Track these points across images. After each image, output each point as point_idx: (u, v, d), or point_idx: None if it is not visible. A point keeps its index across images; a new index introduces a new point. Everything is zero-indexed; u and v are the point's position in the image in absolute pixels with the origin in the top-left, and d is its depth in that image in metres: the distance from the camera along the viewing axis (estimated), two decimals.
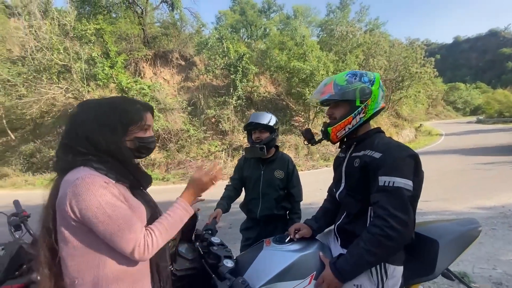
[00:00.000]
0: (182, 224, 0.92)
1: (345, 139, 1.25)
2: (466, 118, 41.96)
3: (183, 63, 14.59)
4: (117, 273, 0.82)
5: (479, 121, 31.18)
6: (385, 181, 0.99)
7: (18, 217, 1.60)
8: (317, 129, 13.15)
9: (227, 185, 2.02)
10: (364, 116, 1.14)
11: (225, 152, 10.77)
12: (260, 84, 14.15)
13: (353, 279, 1.04)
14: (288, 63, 12.11)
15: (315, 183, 5.90)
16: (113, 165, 0.85)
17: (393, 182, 0.97)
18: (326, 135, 1.22)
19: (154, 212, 0.97)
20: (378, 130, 1.20)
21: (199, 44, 12.92)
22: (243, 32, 20.04)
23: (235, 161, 10.53)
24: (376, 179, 1.01)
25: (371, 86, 1.14)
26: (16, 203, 1.70)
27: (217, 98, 12.35)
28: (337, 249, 1.20)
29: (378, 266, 1.04)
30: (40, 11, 10.19)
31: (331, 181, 1.39)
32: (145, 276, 0.91)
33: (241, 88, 11.83)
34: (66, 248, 0.79)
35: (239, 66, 11.55)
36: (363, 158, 1.09)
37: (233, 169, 2.10)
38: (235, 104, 11.85)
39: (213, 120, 12.04)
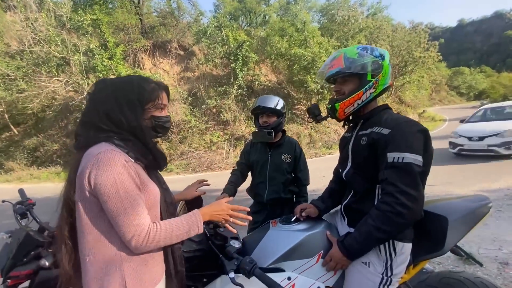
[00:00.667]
0: (187, 236, 0.88)
1: (351, 118, 1.21)
2: (470, 103, 41.36)
3: (182, 53, 14.39)
4: (128, 252, 0.82)
5: (483, 106, 30.63)
6: (394, 157, 0.96)
7: (23, 205, 1.61)
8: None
9: (233, 170, 2.01)
10: (374, 91, 1.10)
11: (227, 142, 10.76)
12: (261, 73, 13.97)
13: (361, 256, 1.03)
14: (289, 50, 11.89)
15: (318, 170, 5.88)
16: (134, 143, 0.86)
17: (403, 158, 0.95)
18: (333, 112, 1.18)
19: (167, 194, 0.99)
20: (386, 107, 1.16)
21: (198, 33, 12.67)
22: (242, 20, 19.59)
23: (238, 151, 10.54)
24: (385, 155, 0.99)
25: (382, 61, 1.10)
26: (21, 191, 1.71)
27: (217, 88, 12.23)
28: (344, 228, 1.19)
29: (386, 243, 1.03)
30: (35, 3, 10.01)
31: (333, 168, 1.37)
32: (158, 256, 0.92)
33: (241, 77, 11.69)
34: (81, 223, 0.81)
35: (239, 55, 11.39)
36: (370, 135, 1.06)
37: (236, 159, 2.09)
38: (235, 94, 11.75)
39: (214, 110, 11.99)
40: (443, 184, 4.84)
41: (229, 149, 10.42)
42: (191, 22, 16.24)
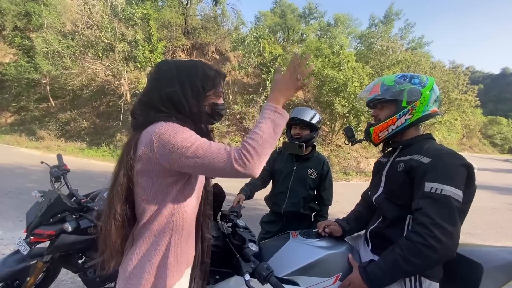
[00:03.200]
0: (279, 128, 0.78)
1: (390, 142, 1.19)
2: (504, 155, 38.91)
3: (217, 57, 14.91)
4: (178, 224, 0.84)
5: None
6: (431, 188, 0.92)
7: (59, 170, 1.70)
8: (340, 141, 12.86)
9: None
10: (411, 118, 1.08)
11: None
12: None
13: (384, 287, 0.98)
14: (322, 70, 11.92)
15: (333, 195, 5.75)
16: (191, 126, 0.84)
17: (441, 189, 0.90)
18: (368, 135, 1.18)
19: (207, 182, 1.00)
20: (429, 136, 1.12)
21: (236, 41, 13.10)
22: (280, 35, 20.06)
23: None
24: (422, 184, 0.95)
25: (421, 88, 1.08)
26: (59, 157, 1.82)
27: (245, 95, 12.47)
28: (367, 254, 1.14)
29: (413, 278, 0.97)
30: None
31: (349, 195, 1.33)
32: (192, 241, 0.94)
33: (270, 88, 11.82)
34: (143, 195, 0.81)
35: (272, 67, 11.58)
36: (409, 162, 1.03)
37: None
38: (261, 104, 11.89)
39: (238, 116, 12.17)
40: (465, 234, 4.53)
41: None
42: (231, 30, 16.87)
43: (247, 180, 2.01)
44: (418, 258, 0.89)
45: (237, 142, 11.22)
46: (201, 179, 0.92)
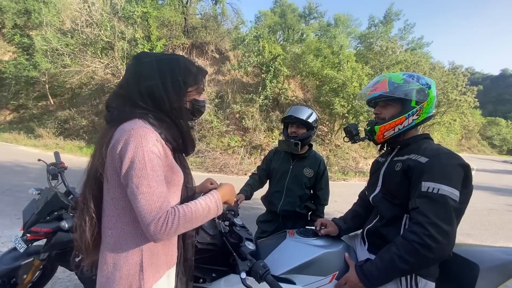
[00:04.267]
0: (207, 219, 0.84)
1: (388, 141, 1.19)
2: (502, 156, 39.04)
3: (217, 56, 14.89)
4: (140, 227, 0.79)
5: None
6: (428, 187, 0.92)
7: (56, 167, 1.70)
8: (339, 141, 12.87)
9: (252, 173, 2.00)
10: (417, 118, 1.08)
11: (244, 149, 10.81)
12: (289, 87, 14.06)
13: (379, 286, 0.99)
14: (321, 70, 11.93)
15: (331, 195, 5.75)
16: (168, 125, 0.84)
17: (438, 189, 0.90)
18: (371, 134, 1.16)
19: (189, 179, 0.97)
20: (427, 136, 1.12)
21: (236, 40, 13.07)
22: (279, 34, 20.04)
23: (253, 159, 10.54)
24: (419, 184, 0.95)
25: (428, 89, 1.08)
26: (56, 154, 1.81)
27: (244, 94, 12.45)
28: (363, 253, 1.15)
29: (408, 277, 0.97)
30: None
31: (347, 194, 1.33)
32: (175, 240, 0.92)
33: (269, 88, 11.83)
34: (108, 196, 0.79)
35: (272, 67, 11.56)
36: (406, 162, 1.03)
37: (249, 166, 2.07)
38: (261, 103, 11.87)
39: (237, 115, 12.15)
40: (463, 235, 4.54)
41: (244, 156, 10.45)
42: (231, 29, 16.85)
43: (245, 179, 2.02)
44: (414, 257, 0.89)
45: (236, 142, 11.23)
46: (179, 177, 0.87)
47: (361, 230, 1.25)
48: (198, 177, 1.01)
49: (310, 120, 1.76)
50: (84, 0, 10.47)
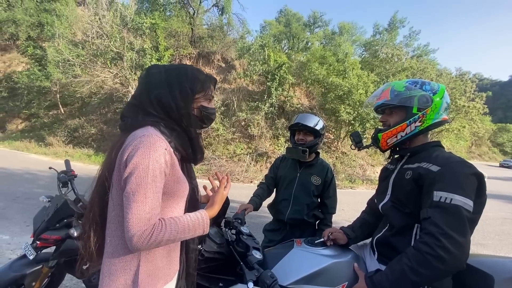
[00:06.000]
0: (191, 235, 0.83)
1: (397, 149, 1.18)
2: None
3: (223, 65, 15.12)
4: None
5: None
6: (441, 197, 0.89)
7: (66, 175, 1.73)
8: (346, 149, 12.77)
9: (260, 183, 1.99)
10: (421, 125, 1.06)
11: (249, 156, 10.82)
12: (295, 95, 14.14)
13: None
14: (327, 77, 11.96)
15: (338, 203, 5.68)
16: (179, 134, 0.86)
17: (451, 199, 0.88)
18: (376, 141, 1.16)
19: (194, 190, 0.97)
20: (438, 144, 1.10)
21: (242, 49, 13.30)
22: (285, 43, 20.29)
23: (258, 166, 10.52)
24: (430, 193, 0.92)
25: (433, 95, 1.06)
26: (67, 162, 1.84)
27: (250, 102, 12.55)
28: (373, 263, 1.12)
29: None
30: (106, 2, 11.24)
31: (354, 203, 1.31)
32: (175, 254, 0.90)
33: (275, 96, 11.91)
34: (112, 203, 0.79)
35: (277, 75, 11.67)
36: (417, 170, 1.01)
37: (255, 174, 2.06)
38: (266, 111, 11.94)
39: (243, 123, 12.22)
40: (475, 245, 4.40)
41: (250, 163, 10.44)
42: (237, 38, 17.14)
43: (255, 187, 2.01)
44: (427, 269, 0.86)
45: (241, 149, 11.25)
46: (184, 188, 0.87)
47: (370, 239, 1.22)
48: (203, 184, 1.01)
49: (317, 127, 1.76)
50: (95, 13, 10.85)
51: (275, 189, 1.98)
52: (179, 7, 15.06)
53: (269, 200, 2.01)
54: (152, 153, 0.74)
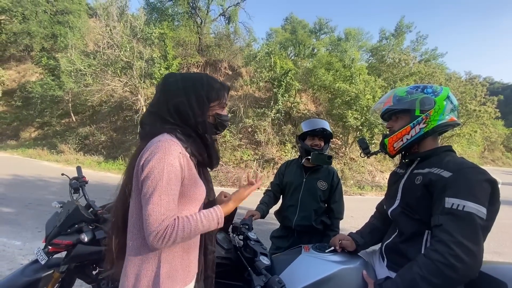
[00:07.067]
0: (206, 229, 0.85)
1: (407, 154, 1.17)
2: None
3: (230, 72, 15.32)
4: None
5: None
6: (453, 204, 0.88)
7: (78, 181, 1.77)
8: (354, 154, 12.61)
9: (266, 190, 1.99)
10: (425, 127, 1.05)
11: (256, 162, 10.81)
12: (301, 101, 14.15)
13: None
14: (333, 83, 11.95)
15: (347, 210, 5.58)
16: (195, 140, 0.89)
17: (464, 206, 0.86)
18: (383, 147, 1.17)
19: (211, 193, 1.00)
20: (449, 149, 1.09)
21: (248, 57, 13.46)
22: (291, 50, 20.46)
23: (265, 172, 10.49)
24: (442, 200, 0.90)
25: (435, 97, 1.06)
26: (79, 169, 1.89)
27: (256, 109, 12.62)
28: (382, 270, 1.10)
29: None
30: (117, 14, 11.63)
31: (364, 210, 1.29)
32: (194, 257, 0.92)
33: (281, 102, 11.95)
34: (132, 208, 0.83)
35: (283, 81, 11.72)
36: (427, 176, 0.99)
37: (262, 179, 2.07)
38: (273, 117, 11.97)
39: (249, 129, 12.27)
40: (490, 253, 4.24)
41: (257, 169, 10.43)
42: (243, 46, 17.42)
43: (261, 193, 2.01)
44: (438, 278, 0.84)
45: (248, 155, 11.26)
46: (202, 191, 0.89)
47: (379, 245, 1.20)
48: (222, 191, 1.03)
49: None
50: (107, 24, 11.23)
51: (281, 196, 1.98)
52: (187, 17, 15.45)
53: (276, 206, 2.00)
54: (167, 157, 0.77)
